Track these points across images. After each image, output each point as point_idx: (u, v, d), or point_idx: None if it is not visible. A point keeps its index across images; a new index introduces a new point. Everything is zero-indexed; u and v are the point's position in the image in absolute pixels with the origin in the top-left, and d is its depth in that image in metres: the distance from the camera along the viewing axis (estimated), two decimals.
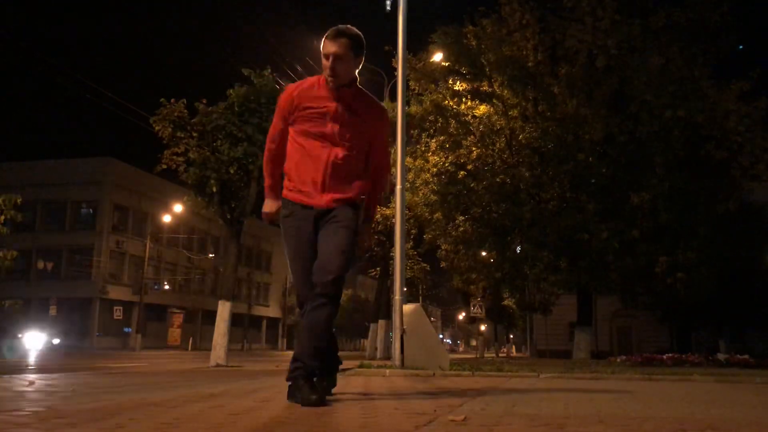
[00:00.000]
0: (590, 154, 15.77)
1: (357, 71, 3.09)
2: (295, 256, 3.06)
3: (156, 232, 42.01)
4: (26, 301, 39.05)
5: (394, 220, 9.94)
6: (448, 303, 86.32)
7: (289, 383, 2.95)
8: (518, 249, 17.20)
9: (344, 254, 2.94)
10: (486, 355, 33.90)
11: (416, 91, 17.36)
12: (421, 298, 29.22)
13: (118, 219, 41.65)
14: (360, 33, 3.05)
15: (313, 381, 2.87)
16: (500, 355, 37.07)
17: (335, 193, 3.01)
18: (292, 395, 2.90)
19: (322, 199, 3.00)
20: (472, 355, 36.00)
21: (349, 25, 3.03)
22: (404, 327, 7.11)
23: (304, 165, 3.03)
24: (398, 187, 8.20)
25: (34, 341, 27.75)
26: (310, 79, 3.16)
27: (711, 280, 15.52)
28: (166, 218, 39.66)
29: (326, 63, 2.99)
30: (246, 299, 50.23)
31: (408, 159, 16.69)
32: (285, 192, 3.10)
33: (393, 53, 14.52)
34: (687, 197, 14.99)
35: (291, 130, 3.09)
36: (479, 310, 29.76)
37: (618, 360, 12.77)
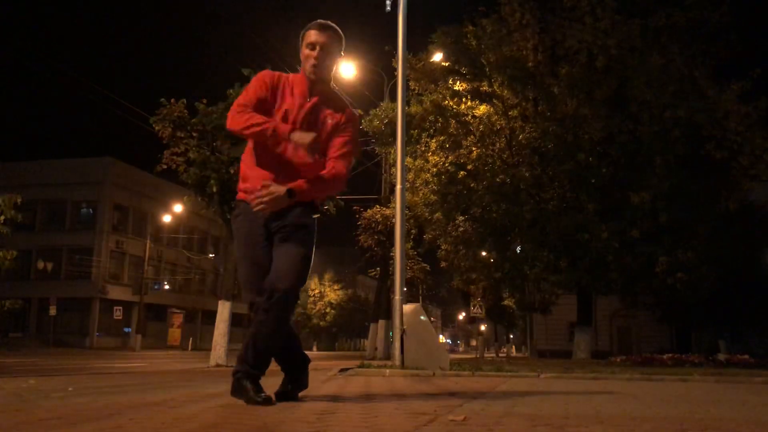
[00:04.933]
0: (590, 154, 15.76)
1: (334, 71, 3.01)
2: (243, 259, 2.95)
3: (156, 232, 42.00)
4: (26, 301, 39.11)
5: (394, 220, 9.94)
6: (448, 303, 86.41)
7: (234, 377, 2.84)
8: (518, 249, 17.19)
9: (300, 265, 2.84)
10: (486, 355, 33.89)
11: (416, 91, 17.35)
12: (421, 298, 29.22)
13: (118, 219, 41.64)
14: (341, 33, 3.00)
15: (258, 382, 2.79)
16: (500, 355, 37.08)
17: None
18: (236, 392, 2.80)
19: None
20: (472, 355, 36.00)
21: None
22: (404, 327, 7.11)
23: (258, 166, 2.92)
24: (398, 187, 8.20)
25: None
26: (283, 74, 3.03)
27: (711, 280, 15.51)
28: (166, 218, 39.64)
29: (310, 53, 2.90)
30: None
31: (408, 159, 16.69)
32: (238, 193, 3.00)
33: (393, 53, 14.52)
34: (687, 197, 14.99)
35: None
36: (479, 310, 29.75)
37: (618, 360, 12.77)
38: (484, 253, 20.60)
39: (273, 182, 2.80)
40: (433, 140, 17.21)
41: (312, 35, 2.91)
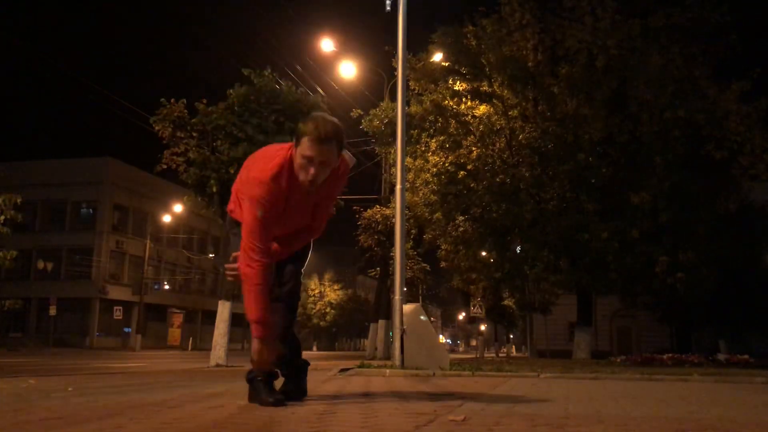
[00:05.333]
0: (590, 154, 15.77)
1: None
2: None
3: (156, 232, 42.00)
4: (26, 301, 39.13)
5: (394, 220, 9.94)
6: (448, 303, 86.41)
7: (250, 384, 2.83)
8: (518, 249, 17.19)
9: (300, 270, 2.99)
10: (486, 355, 33.89)
11: (416, 91, 17.35)
12: (421, 298, 29.20)
13: (118, 219, 41.65)
14: (340, 124, 2.70)
15: (272, 382, 2.79)
16: (500, 355, 37.07)
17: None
18: (253, 398, 2.78)
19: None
20: (472, 355, 36.00)
21: (331, 119, 2.68)
22: (404, 327, 7.11)
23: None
24: (398, 187, 8.21)
25: None
26: (278, 165, 2.68)
27: (711, 280, 15.51)
28: (166, 218, 39.65)
29: (306, 165, 2.60)
30: None
31: (408, 159, 16.69)
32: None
33: (393, 53, 14.52)
34: (687, 197, 15.00)
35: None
36: (479, 310, 29.74)
37: (618, 360, 12.76)
38: (484, 253, 20.59)
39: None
40: (433, 140, 17.21)
41: (307, 148, 2.58)
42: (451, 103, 16.87)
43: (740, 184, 16.07)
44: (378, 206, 21.07)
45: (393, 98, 16.40)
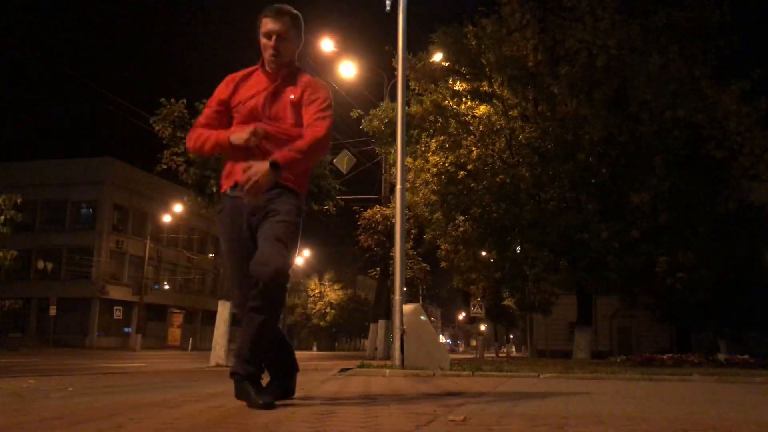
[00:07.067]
0: (590, 154, 15.77)
1: (297, 52, 2.99)
2: (229, 256, 2.91)
3: (156, 232, 42.01)
4: (26, 301, 39.13)
5: (394, 220, 9.94)
6: (448, 303, 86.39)
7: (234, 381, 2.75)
8: (518, 249, 17.19)
9: (283, 247, 2.67)
10: (486, 355, 33.90)
11: (416, 91, 17.34)
12: (421, 298, 29.22)
13: (118, 219, 41.67)
14: (299, 13, 2.96)
15: (259, 383, 2.72)
16: (500, 355, 37.10)
17: None
18: (239, 395, 2.71)
19: None
20: (472, 355, 36.01)
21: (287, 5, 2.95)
22: (404, 327, 7.11)
23: (237, 153, 2.85)
24: (398, 187, 8.20)
25: None
26: (247, 69, 3.03)
27: (711, 280, 15.50)
28: (166, 218, 39.66)
29: (267, 43, 2.88)
30: None
31: (408, 159, 16.69)
32: (221, 187, 2.97)
33: (393, 53, 14.51)
34: (687, 197, 14.99)
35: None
36: (479, 310, 29.76)
37: (618, 360, 12.76)
38: (484, 253, 20.61)
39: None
40: (433, 140, 17.20)
41: (267, 24, 2.88)
42: (451, 103, 16.86)
43: (740, 184, 16.07)
44: (378, 206, 21.08)
45: (393, 98, 16.41)
